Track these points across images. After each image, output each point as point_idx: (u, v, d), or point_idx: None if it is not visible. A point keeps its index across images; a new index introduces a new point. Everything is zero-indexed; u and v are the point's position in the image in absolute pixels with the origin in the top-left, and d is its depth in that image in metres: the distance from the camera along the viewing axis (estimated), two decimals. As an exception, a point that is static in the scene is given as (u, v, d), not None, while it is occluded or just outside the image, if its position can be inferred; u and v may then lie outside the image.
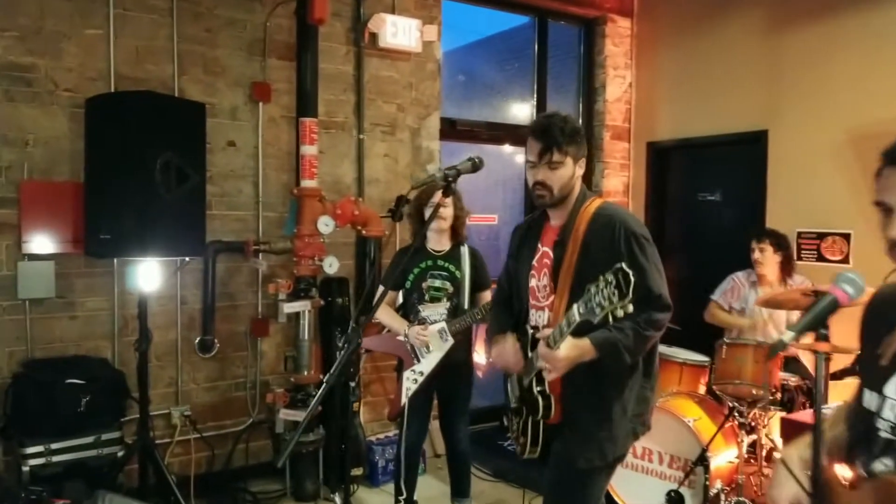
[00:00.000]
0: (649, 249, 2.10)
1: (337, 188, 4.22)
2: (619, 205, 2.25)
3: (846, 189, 4.35)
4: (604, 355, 2.03)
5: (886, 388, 1.31)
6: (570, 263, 2.11)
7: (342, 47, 4.25)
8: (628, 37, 5.68)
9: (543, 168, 2.11)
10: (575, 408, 2.14)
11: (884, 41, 4.11)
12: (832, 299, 1.21)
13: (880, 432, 1.30)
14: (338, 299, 3.97)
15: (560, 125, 2.11)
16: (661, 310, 2.08)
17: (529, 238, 2.35)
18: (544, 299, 2.23)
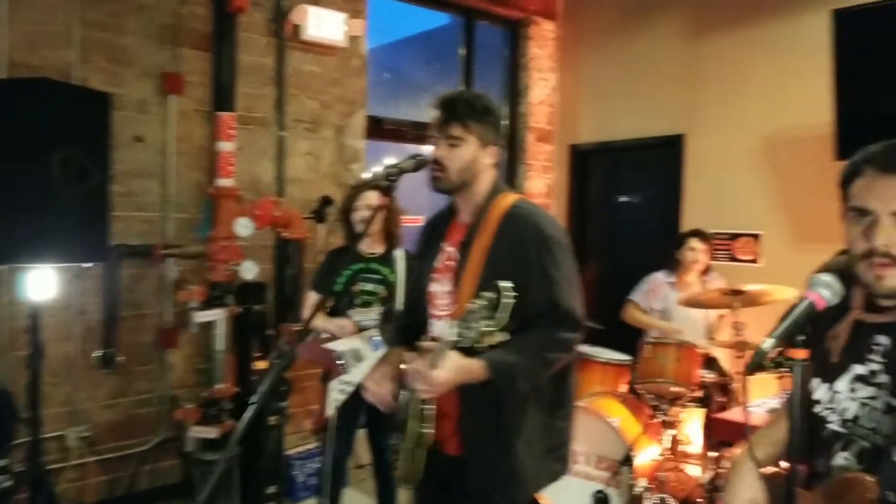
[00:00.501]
0: (562, 257, 1.85)
1: (255, 188, 4.02)
2: (536, 204, 2.02)
3: (757, 192, 4.53)
4: (497, 380, 1.75)
5: (837, 384, 1.32)
6: (474, 267, 1.84)
7: (262, 38, 4.06)
8: (552, 39, 5.73)
9: (441, 144, 1.87)
10: (474, 437, 1.85)
11: (796, 50, 4.29)
12: (809, 303, 1.18)
13: (831, 425, 1.31)
14: (255, 306, 3.75)
15: (468, 98, 1.88)
16: (570, 328, 1.82)
17: (435, 237, 2.07)
18: (444, 307, 1.96)
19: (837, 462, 1.30)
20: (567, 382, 1.93)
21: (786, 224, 4.41)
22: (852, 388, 1.29)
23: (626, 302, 4.40)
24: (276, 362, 1.69)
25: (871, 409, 1.25)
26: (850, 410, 1.28)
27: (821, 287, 1.18)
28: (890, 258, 1.19)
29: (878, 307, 1.28)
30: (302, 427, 4.14)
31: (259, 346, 3.70)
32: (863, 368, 1.28)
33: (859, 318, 1.30)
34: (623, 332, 4.34)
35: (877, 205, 1.20)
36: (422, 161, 1.89)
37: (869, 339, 1.28)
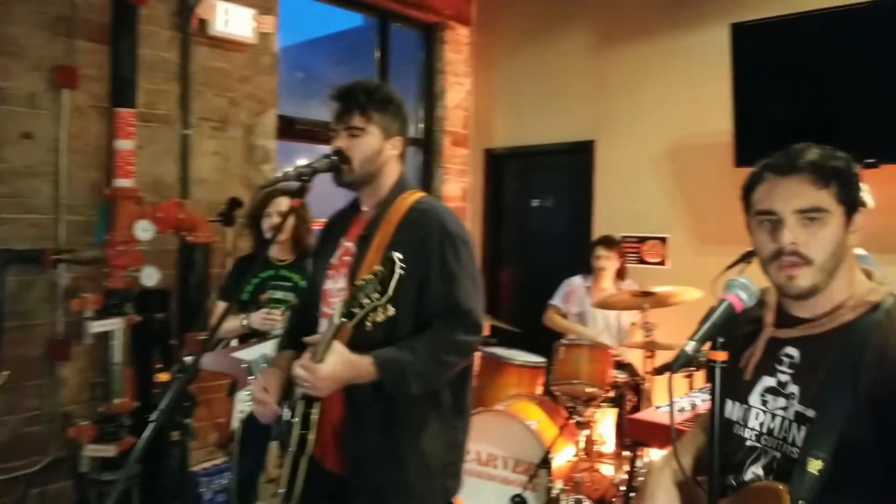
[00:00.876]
0: (465, 255, 1.75)
1: (157, 189, 3.80)
2: (440, 201, 1.93)
3: (663, 196, 4.70)
4: (386, 380, 1.62)
5: (751, 399, 1.33)
6: (372, 263, 1.71)
7: (165, 32, 3.85)
8: (467, 45, 5.76)
9: (342, 135, 1.77)
10: (359, 454, 1.72)
11: (699, 61, 4.47)
12: (728, 305, 1.19)
13: (746, 442, 1.32)
14: (157, 315, 3.53)
15: (367, 87, 1.79)
16: (470, 331, 1.70)
17: (333, 232, 1.96)
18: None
19: (747, 476, 1.31)
20: (467, 391, 1.83)
21: (690, 227, 4.58)
22: (764, 401, 1.31)
23: (547, 306, 4.47)
24: (179, 375, 1.53)
25: (782, 419, 1.27)
26: (764, 424, 1.30)
27: (738, 289, 1.19)
28: (798, 256, 1.21)
29: (789, 322, 1.30)
30: (209, 442, 3.94)
31: (161, 357, 3.49)
32: (772, 380, 1.30)
33: (773, 334, 1.32)
34: (538, 335, 4.40)
35: (780, 206, 1.23)
36: (336, 161, 1.77)
37: (779, 351, 1.30)
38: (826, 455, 1.14)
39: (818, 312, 1.26)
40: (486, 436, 3.55)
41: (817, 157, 1.23)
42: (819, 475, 1.14)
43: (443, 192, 5.66)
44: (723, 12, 4.24)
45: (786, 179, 1.23)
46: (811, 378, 1.24)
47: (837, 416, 1.16)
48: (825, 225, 1.21)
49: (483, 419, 3.58)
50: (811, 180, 1.21)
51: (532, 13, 5.40)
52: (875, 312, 1.22)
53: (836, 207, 1.22)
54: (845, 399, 1.16)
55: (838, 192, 1.21)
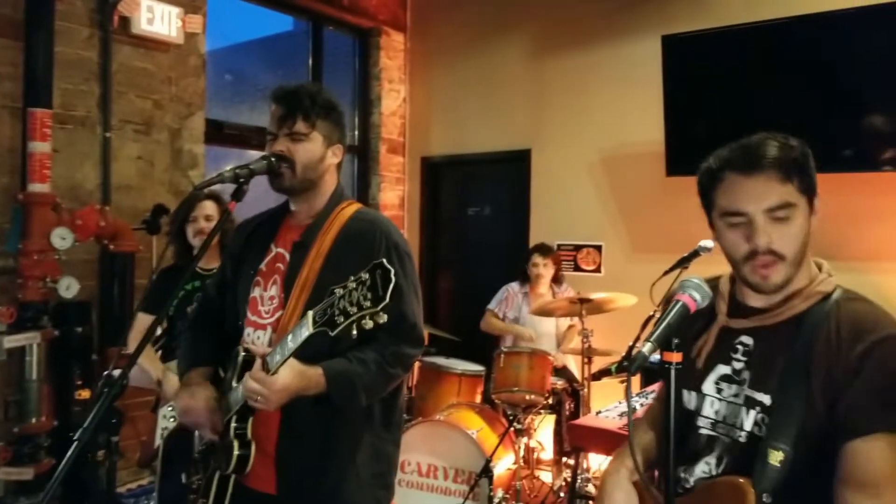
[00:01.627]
0: (410, 269, 1.75)
1: (76, 195, 3.62)
2: (379, 212, 1.90)
3: (598, 205, 4.78)
4: (336, 392, 1.59)
5: (704, 387, 1.33)
6: (311, 271, 1.68)
7: (84, 29, 3.67)
8: (402, 51, 5.74)
9: (284, 139, 1.70)
10: (296, 470, 1.67)
11: (632, 72, 4.58)
12: (682, 305, 1.18)
13: (701, 430, 1.32)
14: (77, 328, 3.37)
15: (311, 92, 1.73)
16: (413, 344, 1.72)
17: (259, 236, 1.85)
18: (268, 315, 1.74)
19: (698, 469, 1.31)
20: (398, 403, 1.82)
21: (624, 235, 4.67)
22: (718, 389, 1.31)
23: (485, 311, 4.48)
24: (105, 391, 1.41)
25: (735, 406, 1.28)
26: (719, 412, 1.30)
27: (691, 289, 1.19)
28: (773, 255, 1.22)
29: (744, 312, 1.31)
30: (134, 462, 3.74)
31: (81, 374, 3.31)
32: (727, 368, 1.31)
33: (725, 324, 1.32)
34: (477, 343, 4.39)
35: (750, 206, 1.22)
36: (274, 163, 1.68)
37: (733, 340, 1.31)
38: (787, 446, 1.15)
39: (772, 302, 1.27)
40: (427, 446, 3.51)
41: (778, 151, 1.22)
42: (781, 466, 1.15)
43: (380, 201, 5.61)
44: (655, 24, 4.36)
45: (751, 179, 1.22)
46: (765, 365, 1.25)
47: (795, 406, 1.17)
48: (794, 219, 1.21)
49: (423, 429, 3.54)
50: (777, 177, 1.20)
51: (468, 21, 5.43)
52: (826, 302, 1.24)
53: (800, 199, 1.22)
54: (801, 389, 1.18)
55: (800, 183, 1.22)
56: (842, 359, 1.16)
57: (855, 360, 1.15)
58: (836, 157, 3.65)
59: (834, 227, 3.79)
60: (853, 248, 3.78)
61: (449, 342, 4.48)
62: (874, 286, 3.69)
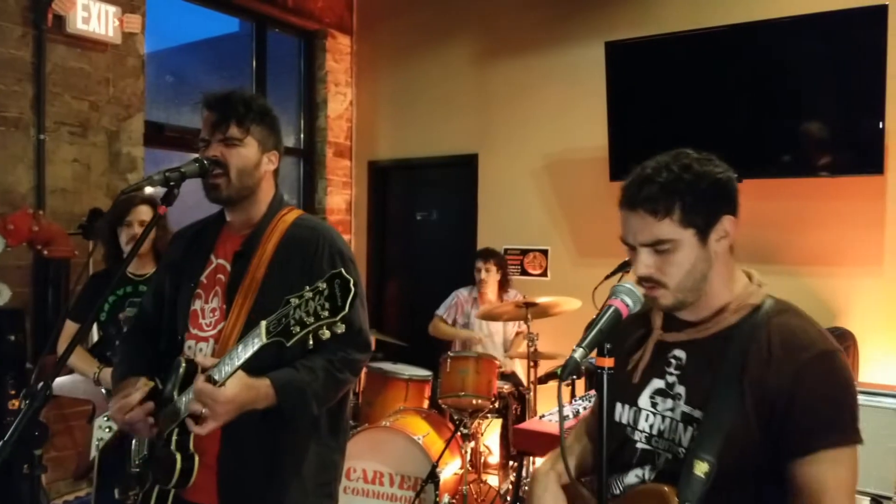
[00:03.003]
0: (355, 275, 1.67)
1: (8, 199, 3.52)
2: (322, 218, 1.90)
3: (544, 209, 4.85)
4: (286, 403, 1.57)
5: (640, 401, 1.35)
6: (254, 281, 1.66)
7: (17, 28, 3.55)
8: (349, 54, 5.71)
9: (217, 145, 1.67)
10: (240, 482, 1.64)
11: (576, 78, 4.66)
12: (614, 310, 1.20)
13: (637, 444, 1.34)
14: (9, 336, 3.25)
15: (244, 98, 1.70)
16: (361, 349, 1.72)
17: (198, 247, 1.82)
18: (210, 327, 1.71)
19: (629, 478, 1.34)
20: (344, 410, 1.80)
21: (570, 240, 4.75)
22: (654, 403, 1.34)
23: (434, 316, 4.49)
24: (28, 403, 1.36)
25: (670, 420, 1.30)
26: (654, 426, 1.33)
27: (623, 294, 1.22)
28: (653, 282, 1.26)
29: (678, 326, 1.35)
30: (71, 474, 3.63)
31: (14, 382, 3.19)
32: (661, 382, 1.33)
33: (660, 338, 1.36)
34: (424, 348, 4.40)
35: (630, 238, 1.28)
36: (206, 165, 1.65)
37: (667, 354, 1.34)
38: (712, 457, 1.18)
39: (702, 316, 1.31)
40: (372, 453, 3.50)
41: (657, 188, 1.24)
42: (705, 477, 1.17)
43: (326, 205, 5.57)
44: (599, 31, 4.45)
45: (632, 214, 1.27)
46: (697, 380, 1.28)
47: (724, 418, 1.20)
48: (674, 251, 1.24)
49: (369, 436, 3.52)
50: (650, 216, 1.24)
51: (415, 25, 5.44)
52: (756, 314, 1.27)
53: (681, 232, 1.24)
54: (731, 401, 1.20)
55: (683, 216, 1.23)
56: (774, 375, 1.19)
57: (789, 378, 1.17)
58: (774, 163, 3.76)
59: (773, 231, 3.93)
60: (791, 252, 3.91)
61: (397, 347, 4.48)
62: (812, 289, 3.85)
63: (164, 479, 1.61)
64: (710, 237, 1.26)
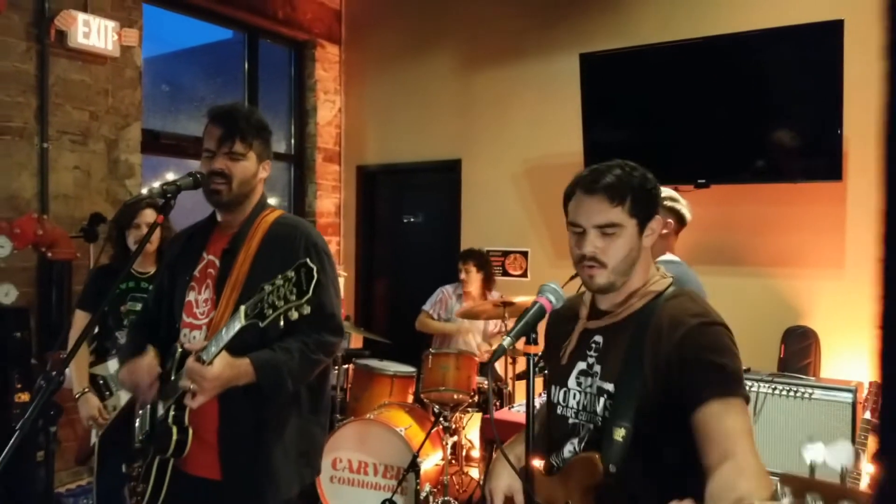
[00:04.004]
0: (329, 266, 1.95)
1: (13, 204, 3.65)
2: (303, 218, 2.13)
3: (524, 213, 5.04)
4: (264, 380, 1.77)
5: (569, 382, 1.56)
6: (240, 274, 1.87)
7: (21, 43, 3.71)
8: (337, 63, 5.89)
9: (223, 157, 1.88)
10: (235, 453, 1.85)
11: (553, 87, 4.85)
12: (539, 306, 1.41)
13: (568, 420, 1.54)
14: (16, 334, 3.39)
15: (246, 114, 1.92)
16: (333, 332, 1.91)
17: (192, 246, 2.04)
18: (203, 316, 1.93)
19: (564, 453, 1.54)
20: (324, 389, 2.02)
21: (548, 242, 4.94)
22: (578, 382, 1.54)
23: (420, 312, 4.66)
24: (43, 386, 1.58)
25: (590, 395, 1.50)
26: (580, 402, 1.53)
27: (548, 293, 1.44)
28: (596, 262, 1.46)
29: (598, 315, 1.55)
30: (73, 463, 3.80)
31: (20, 377, 3.36)
32: (584, 364, 1.54)
33: (585, 326, 1.57)
34: (411, 346, 4.56)
35: (583, 220, 1.47)
36: (200, 178, 1.88)
37: (589, 339, 1.55)
38: (628, 423, 1.37)
39: (615, 303, 1.52)
40: (358, 444, 3.68)
41: (614, 179, 1.46)
42: (623, 441, 1.37)
43: (317, 208, 5.74)
44: (574, 42, 4.64)
45: (588, 198, 1.47)
46: (609, 358, 1.49)
47: (632, 389, 1.40)
48: (619, 236, 1.45)
49: (354, 428, 3.70)
50: (607, 199, 1.45)
51: (400, 36, 5.62)
52: (657, 299, 1.48)
53: (628, 220, 1.44)
54: (636, 374, 1.40)
55: (631, 207, 1.44)
56: (665, 345, 1.39)
57: (675, 346, 1.37)
58: (747, 168, 3.89)
59: (741, 234, 4.11)
60: (758, 254, 4.08)
61: (383, 345, 4.64)
62: (777, 290, 4.02)
63: (162, 449, 1.82)
64: (644, 231, 1.48)
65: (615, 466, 1.37)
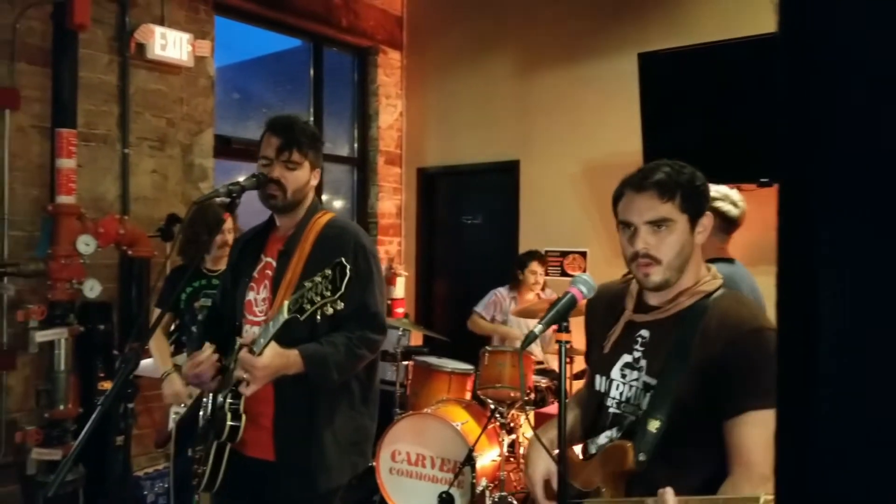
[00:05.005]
0: (375, 267, 2.05)
1: (98, 205, 3.91)
2: (352, 220, 2.28)
3: (582, 213, 5.03)
4: (311, 369, 1.88)
5: (612, 373, 1.59)
6: (294, 275, 1.98)
7: (104, 56, 3.98)
8: (399, 68, 6.02)
9: (280, 166, 2.00)
10: (288, 438, 1.97)
11: (611, 87, 4.83)
12: (571, 296, 1.46)
13: (609, 409, 1.58)
14: (99, 326, 3.65)
15: (302, 126, 2.05)
16: (376, 330, 2.01)
17: (251, 249, 2.17)
18: (261, 314, 2.06)
19: (601, 440, 1.58)
20: (373, 382, 2.13)
21: (606, 242, 4.92)
22: (623, 374, 1.57)
23: (471, 313, 4.71)
24: (121, 366, 1.74)
25: (635, 389, 1.53)
26: (623, 393, 1.56)
27: (580, 284, 1.48)
28: (649, 258, 1.48)
29: (645, 309, 1.57)
30: (151, 448, 4.04)
31: (103, 366, 3.61)
32: (629, 357, 1.57)
33: (630, 318, 1.59)
34: (470, 344, 4.60)
35: (634, 218, 1.50)
36: (262, 179, 2.01)
37: (635, 333, 1.57)
38: (663, 416, 1.41)
39: (664, 300, 1.54)
40: (415, 437, 3.77)
41: (664, 175, 1.48)
42: (657, 432, 1.40)
43: (378, 210, 5.88)
44: (632, 42, 4.61)
45: (639, 195, 1.49)
46: (655, 353, 1.51)
47: (672, 385, 1.43)
48: (671, 232, 1.47)
49: (412, 422, 3.79)
50: (657, 196, 1.47)
51: (459, 40, 5.71)
52: (706, 299, 1.50)
53: (679, 216, 1.46)
54: (679, 370, 1.43)
55: (681, 203, 1.46)
56: (711, 348, 1.41)
57: (721, 350, 1.39)
58: None
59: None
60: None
61: (442, 343, 4.71)
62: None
63: (218, 434, 1.97)
64: (696, 227, 1.50)
65: (645, 456, 1.41)
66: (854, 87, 0.40)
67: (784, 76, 0.44)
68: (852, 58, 0.39)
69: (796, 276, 0.41)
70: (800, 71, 0.43)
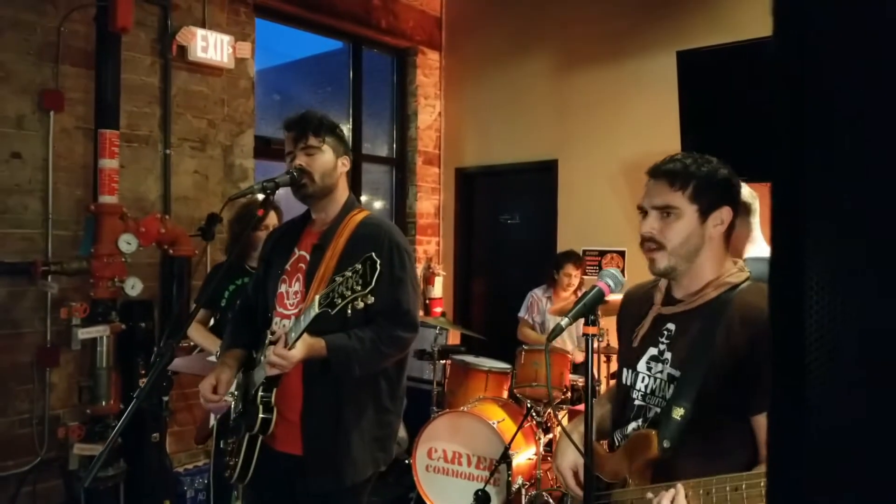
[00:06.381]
0: (409, 265, 2.05)
1: (140, 205, 4.01)
2: (389, 218, 2.28)
3: (620, 212, 4.96)
4: (334, 359, 1.91)
5: (639, 366, 1.59)
6: (327, 269, 1.98)
7: (147, 58, 4.08)
8: (437, 69, 6.04)
9: (301, 154, 2.02)
10: (316, 433, 1.99)
11: (650, 85, 4.77)
12: (598, 290, 1.46)
13: (635, 401, 1.58)
14: (141, 323, 3.72)
15: (313, 114, 2.06)
16: (407, 328, 2.01)
17: (285, 242, 2.18)
18: (293, 307, 2.06)
19: (629, 430, 1.58)
20: (400, 381, 2.13)
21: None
22: (649, 367, 1.57)
23: (519, 321, 4.72)
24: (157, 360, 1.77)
25: (661, 381, 1.53)
26: (648, 385, 1.56)
27: (607, 278, 1.47)
28: (654, 242, 1.48)
29: (672, 302, 1.57)
30: (191, 445, 4.12)
31: (144, 363, 3.67)
32: (655, 350, 1.57)
33: (658, 312, 1.59)
34: (507, 343, 4.60)
35: (645, 203, 1.52)
36: (296, 176, 2.02)
37: (662, 326, 1.57)
38: (688, 404, 1.40)
39: (689, 292, 1.53)
40: (452, 435, 3.77)
41: (680, 165, 1.49)
42: (681, 420, 1.40)
43: (417, 209, 5.90)
44: (670, 40, 4.55)
45: (653, 182, 1.52)
46: (680, 345, 1.51)
47: (697, 373, 1.42)
48: (677, 219, 1.47)
49: (448, 419, 3.80)
50: (668, 183, 1.48)
51: (498, 40, 5.70)
52: (732, 291, 1.48)
53: (687, 206, 1.47)
54: (703, 361, 1.42)
55: (693, 193, 1.46)
56: (735, 340, 1.40)
57: (746, 344, 1.39)
58: None
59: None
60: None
61: (480, 341, 4.71)
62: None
63: (250, 426, 1.99)
64: (709, 219, 1.48)
65: (669, 443, 1.41)
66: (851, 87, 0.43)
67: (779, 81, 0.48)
68: (846, 61, 0.42)
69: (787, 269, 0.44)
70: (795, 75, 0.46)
